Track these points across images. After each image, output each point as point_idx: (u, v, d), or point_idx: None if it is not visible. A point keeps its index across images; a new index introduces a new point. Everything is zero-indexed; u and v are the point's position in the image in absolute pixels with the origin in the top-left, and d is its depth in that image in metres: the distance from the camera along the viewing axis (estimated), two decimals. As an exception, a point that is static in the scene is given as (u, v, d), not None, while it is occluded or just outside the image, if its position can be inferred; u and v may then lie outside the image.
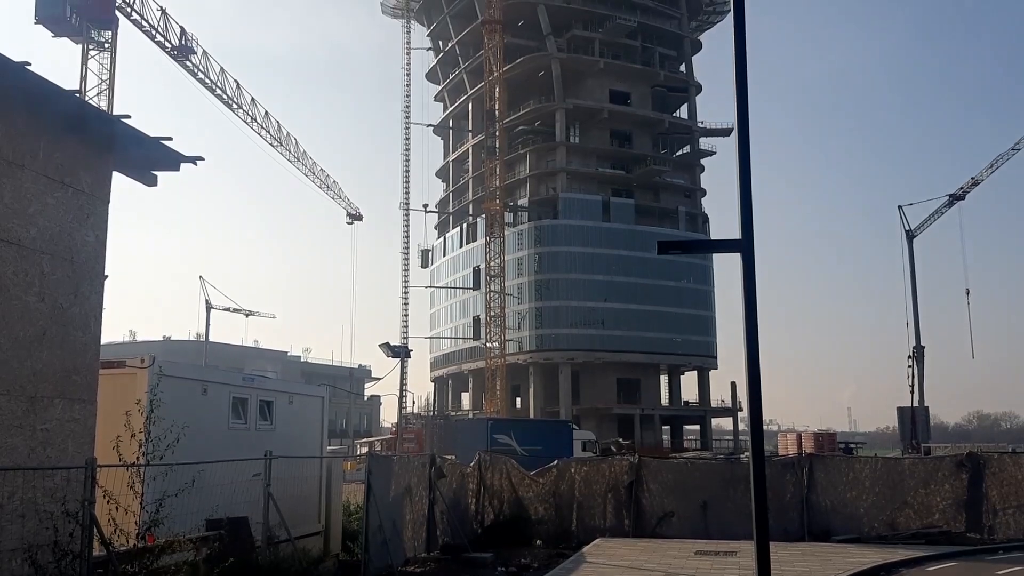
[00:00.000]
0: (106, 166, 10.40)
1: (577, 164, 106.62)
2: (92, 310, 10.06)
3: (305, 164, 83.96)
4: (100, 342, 10.31)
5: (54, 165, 9.45)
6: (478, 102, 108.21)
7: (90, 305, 10.02)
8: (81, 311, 9.85)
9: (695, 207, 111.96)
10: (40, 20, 55.22)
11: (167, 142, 10.45)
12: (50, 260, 9.34)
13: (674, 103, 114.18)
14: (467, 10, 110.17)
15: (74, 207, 9.75)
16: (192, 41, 64.44)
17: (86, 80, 56.65)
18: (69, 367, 9.63)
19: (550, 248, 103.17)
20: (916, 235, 78.74)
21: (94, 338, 10.14)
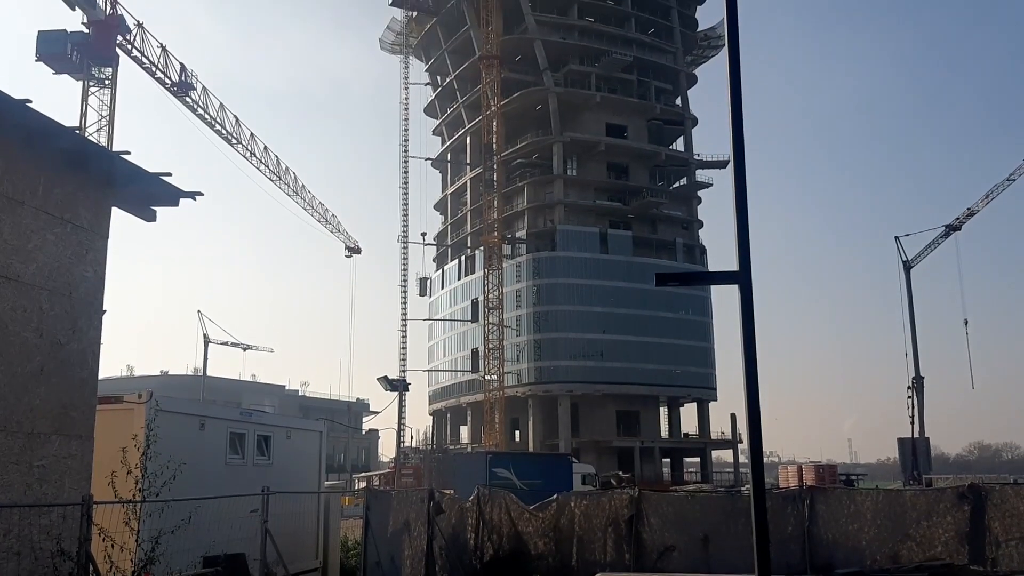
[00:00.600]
0: (105, 202, 10.45)
1: (575, 196, 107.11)
2: (90, 345, 10.06)
3: (304, 198, 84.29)
4: (98, 377, 10.29)
5: (54, 201, 9.50)
6: (476, 136, 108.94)
7: (88, 340, 10.02)
8: (79, 347, 9.85)
9: (692, 239, 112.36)
10: (41, 58, 55.65)
11: (166, 177, 10.52)
12: (49, 296, 9.35)
13: (670, 136, 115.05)
14: (465, 46, 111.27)
15: (73, 243, 9.79)
16: (192, 77, 64.95)
17: (86, 116, 57.03)
18: (66, 403, 9.61)
19: (548, 280, 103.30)
20: (913, 265, 78.94)
21: (92, 373, 10.12)
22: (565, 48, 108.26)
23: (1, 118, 8.65)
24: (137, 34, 59.62)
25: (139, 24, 59.87)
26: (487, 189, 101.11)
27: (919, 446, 70.76)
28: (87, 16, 56.45)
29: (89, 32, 56.68)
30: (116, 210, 10.75)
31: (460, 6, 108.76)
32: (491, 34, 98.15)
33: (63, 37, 55.91)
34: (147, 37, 60.66)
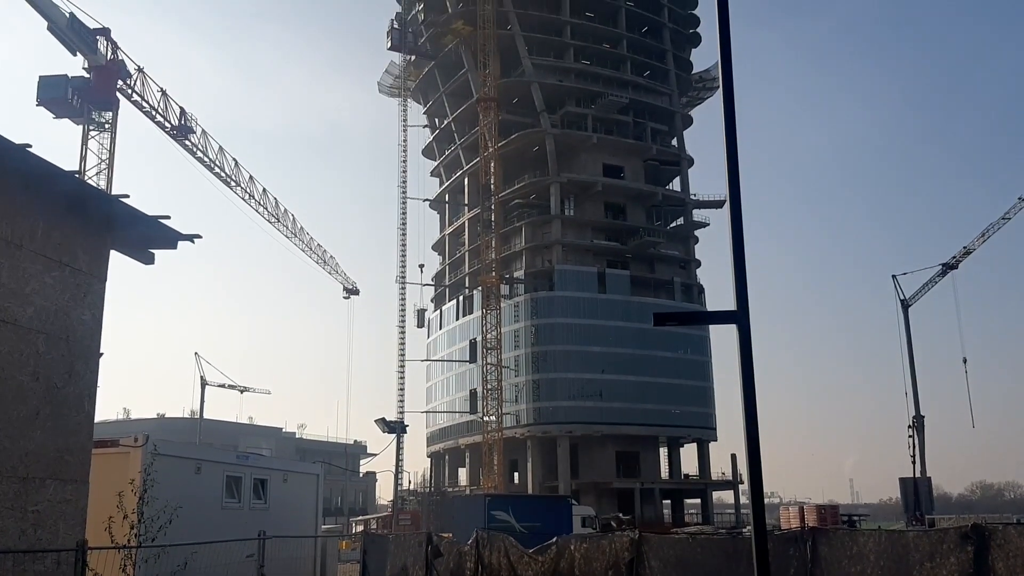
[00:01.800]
0: (104, 245, 10.48)
1: (572, 236, 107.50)
2: (86, 389, 10.02)
3: (302, 239, 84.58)
4: (94, 421, 10.24)
5: (52, 244, 9.52)
6: (474, 177, 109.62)
7: (84, 384, 9.98)
8: (75, 390, 9.81)
9: (690, 278, 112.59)
10: (42, 102, 56.06)
11: (165, 220, 10.56)
12: (46, 339, 9.33)
13: (667, 176, 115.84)
14: (462, 88, 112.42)
15: (71, 286, 9.79)
16: (191, 120, 65.47)
17: (86, 160, 57.36)
18: (62, 447, 9.54)
19: (546, 320, 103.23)
20: (911, 304, 79.07)
21: (88, 417, 10.07)
22: (562, 90, 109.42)
23: (2, 162, 8.70)
24: (138, 79, 60.22)
25: (140, 69, 60.51)
26: (485, 230, 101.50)
27: (921, 486, 70.24)
28: (88, 61, 56.98)
29: (90, 77, 57.19)
30: (114, 253, 10.78)
31: (458, 50, 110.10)
32: (488, 77, 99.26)
33: (64, 82, 56.38)
34: (147, 81, 61.28)
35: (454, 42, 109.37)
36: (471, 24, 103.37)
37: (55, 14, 53.36)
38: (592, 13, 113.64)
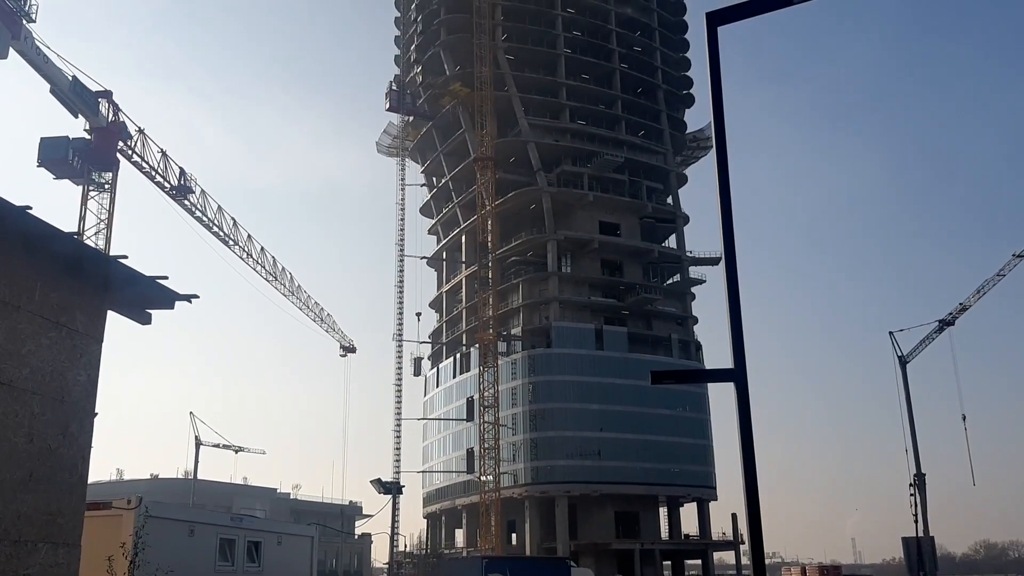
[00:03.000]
0: (101, 306, 10.49)
1: (569, 293, 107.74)
2: (80, 450, 9.93)
3: (299, 297, 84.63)
4: (87, 483, 10.12)
5: (49, 306, 9.53)
6: (471, 235, 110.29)
7: (79, 445, 9.89)
8: (69, 452, 9.72)
9: (688, 335, 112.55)
10: (42, 163, 56.54)
11: (162, 281, 10.58)
12: (41, 401, 9.28)
13: (663, 233, 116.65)
14: (460, 148, 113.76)
15: (67, 347, 9.77)
16: (191, 181, 65.97)
17: (85, 220, 57.65)
18: (54, 510, 9.42)
19: (544, 377, 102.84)
20: (909, 360, 78.98)
21: (81, 479, 9.96)
22: (558, 150, 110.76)
23: (1, 224, 8.76)
24: (138, 140, 60.87)
25: (140, 130, 61.20)
26: (482, 287, 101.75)
27: (924, 545, 69.25)
28: (89, 123, 57.64)
29: (91, 139, 57.79)
30: (111, 313, 10.78)
31: (455, 111, 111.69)
32: (486, 137, 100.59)
33: (65, 143, 56.95)
34: (148, 143, 61.93)
35: (452, 103, 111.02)
36: (469, 86, 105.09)
37: (58, 77, 54.17)
38: (587, 75, 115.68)
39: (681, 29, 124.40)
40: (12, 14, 49.87)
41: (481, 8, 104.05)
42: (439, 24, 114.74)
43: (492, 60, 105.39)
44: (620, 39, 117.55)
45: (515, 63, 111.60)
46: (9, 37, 49.25)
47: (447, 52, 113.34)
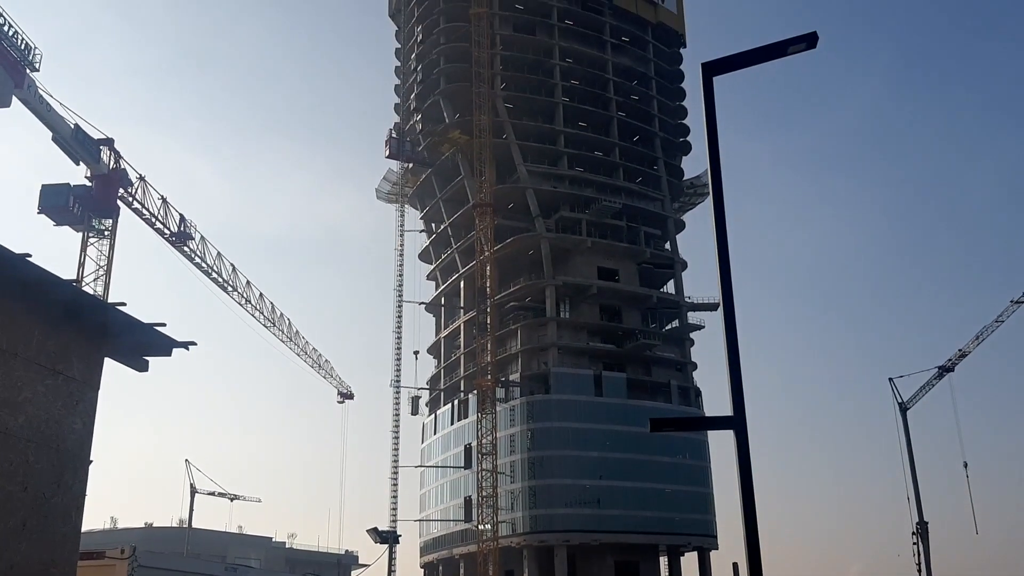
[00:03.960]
0: (98, 353, 10.48)
1: (568, 339, 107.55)
2: (74, 500, 9.84)
3: (297, 343, 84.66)
4: (80, 532, 10.02)
5: (47, 353, 9.52)
6: (470, 280, 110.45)
7: (72, 495, 9.81)
8: (63, 501, 9.63)
9: (687, 381, 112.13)
10: (43, 210, 56.86)
11: (160, 328, 10.58)
12: (36, 448, 9.22)
13: (661, 279, 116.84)
14: (459, 194, 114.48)
15: (64, 394, 9.74)
16: (191, 227, 66.35)
17: (84, 266, 57.80)
18: (47, 559, 9.31)
19: (543, 424, 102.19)
20: (909, 407, 78.77)
21: (75, 529, 9.86)
22: (556, 196, 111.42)
23: (1, 272, 8.78)
24: (139, 187, 61.33)
25: (141, 177, 61.70)
26: (480, 332, 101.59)
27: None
28: (91, 170, 58.09)
29: (92, 186, 58.19)
30: (108, 360, 10.76)
31: (455, 158, 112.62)
32: (484, 183, 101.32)
33: (66, 191, 57.33)
34: (148, 189, 62.39)
35: (451, 150, 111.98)
36: (468, 133, 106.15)
37: (60, 125, 54.72)
38: (585, 123, 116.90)
39: (677, 78, 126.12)
40: (16, 63, 50.51)
41: (480, 58, 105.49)
42: (439, 73, 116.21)
43: (491, 108, 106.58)
44: (617, 88, 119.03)
45: (514, 111, 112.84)
46: (12, 86, 49.83)
47: (446, 100, 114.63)
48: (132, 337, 10.67)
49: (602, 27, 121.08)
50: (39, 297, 9.41)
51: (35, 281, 9.17)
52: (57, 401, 9.70)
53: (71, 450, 9.87)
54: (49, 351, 9.62)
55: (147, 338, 10.74)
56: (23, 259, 8.79)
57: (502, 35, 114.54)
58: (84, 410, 10.15)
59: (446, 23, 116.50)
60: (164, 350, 11.08)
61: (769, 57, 11.32)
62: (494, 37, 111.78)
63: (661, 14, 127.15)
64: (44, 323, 9.58)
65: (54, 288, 9.46)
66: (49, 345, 9.63)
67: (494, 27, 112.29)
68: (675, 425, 8.29)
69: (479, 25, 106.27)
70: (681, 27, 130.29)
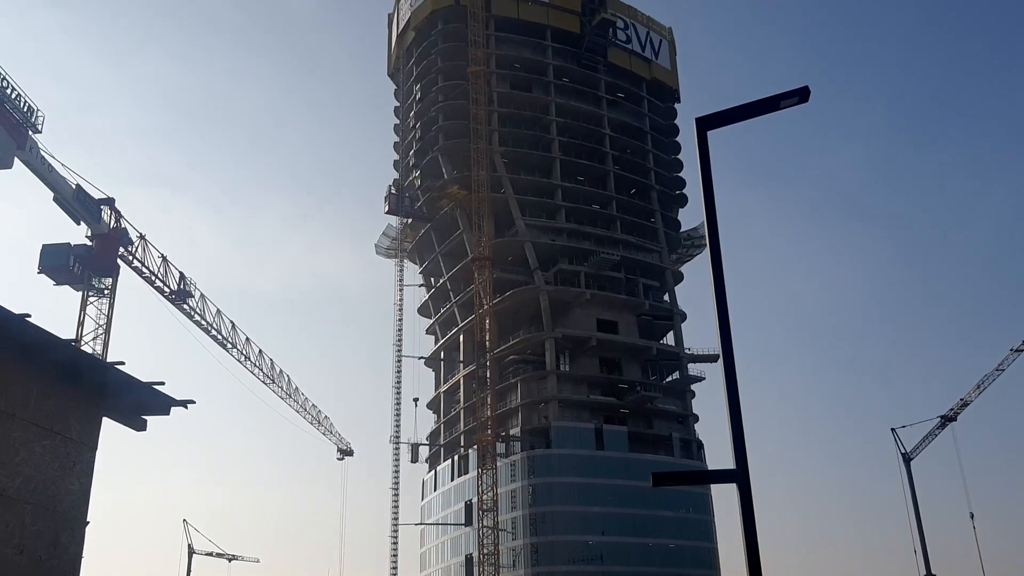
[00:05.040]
0: (96, 413, 10.44)
1: (568, 392, 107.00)
2: (71, 562, 9.71)
3: (297, 400, 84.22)
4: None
5: (45, 413, 9.48)
6: (469, 334, 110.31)
7: (69, 557, 9.68)
8: (59, 564, 9.50)
9: (689, 433, 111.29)
10: (43, 270, 57.06)
11: (159, 387, 10.55)
12: (32, 511, 9.13)
13: (660, 330, 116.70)
14: (458, 248, 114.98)
15: (61, 455, 9.68)
16: (190, 285, 66.49)
17: (83, 325, 57.76)
18: (41, 626, 9.14)
19: (544, 479, 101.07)
20: (913, 457, 78.13)
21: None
22: (554, 249, 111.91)
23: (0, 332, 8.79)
24: (139, 246, 61.59)
25: (142, 236, 62.02)
26: (480, 386, 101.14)
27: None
28: (91, 230, 58.40)
29: (92, 245, 58.45)
30: (106, 420, 10.71)
31: (453, 213, 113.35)
32: (483, 238, 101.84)
33: (66, 250, 57.60)
34: (148, 248, 62.65)
35: (450, 205, 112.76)
36: (466, 188, 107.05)
37: (62, 185, 55.19)
38: (582, 177, 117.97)
39: (672, 132, 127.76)
40: (18, 125, 51.13)
41: (478, 115, 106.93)
42: (437, 130, 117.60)
43: (489, 163, 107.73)
44: (613, 142, 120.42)
45: (511, 166, 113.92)
46: (15, 147, 50.38)
47: (445, 156, 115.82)
48: (131, 396, 10.64)
49: (597, 83, 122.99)
50: (38, 357, 9.41)
51: (34, 342, 9.18)
52: (54, 462, 9.63)
53: (68, 512, 9.77)
54: (47, 411, 9.59)
55: (146, 397, 10.71)
56: (22, 320, 8.81)
57: (499, 92, 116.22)
58: (81, 471, 10.08)
59: (444, 82, 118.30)
60: (163, 409, 11.05)
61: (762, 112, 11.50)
62: (491, 94, 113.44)
63: (655, 70, 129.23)
64: (43, 383, 9.56)
65: (53, 348, 9.47)
66: (47, 405, 9.60)
67: (491, 85, 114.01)
68: (677, 479, 8.23)
69: (476, 83, 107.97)
70: (675, 82, 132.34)
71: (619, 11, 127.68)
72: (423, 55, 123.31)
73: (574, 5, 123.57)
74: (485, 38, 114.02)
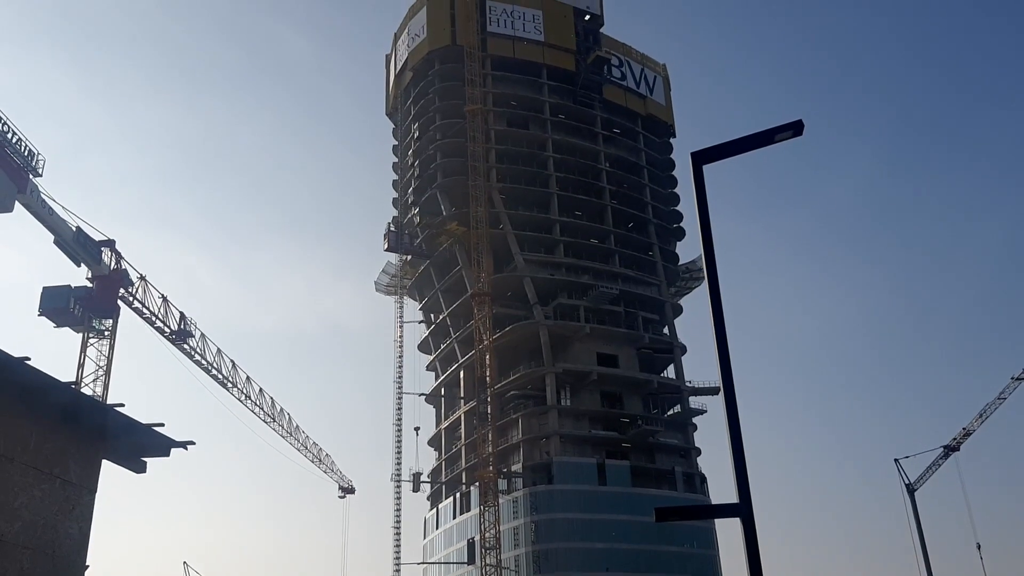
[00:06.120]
0: (96, 455, 10.39)
1: (570, 427, 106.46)
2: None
3: (297, 438, 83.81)
4: (74, 643, 9.73)
5: (44, 456, 9.44)
6: (469, 370, 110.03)
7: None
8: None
9: (691, 467, 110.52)
10: (44, 312, 57.03)
11: (158, 428, 10.53)
12: (31, 556, 9.05)
13: (661, 364, 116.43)
14: (457, 284, 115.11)
15: (60, 498, 9.62)
16: (191, 325, 66.45)
17: (83, 367, 57.63)
18: (39, 673, 9.02)
19: (546, 516, 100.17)
20: (917, 488, 77.58)
21: (69, 639, 9.59)
22: (554, 283, 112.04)
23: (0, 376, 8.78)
24: (139, 286, 61.63)
25: (142, 277, 62.09)
26: (481, 423, 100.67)
27: None
28: (92, 271, 58.48)
29: (93, 287, 58.50)
30: (106, 462, 10.66)
31: (452, 249, 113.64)
32: (482, 273, 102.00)
33: (67, 293, 57.62)
34: (149, 289, 62.69)
35: (449, 242, 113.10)
36: (465, 225, 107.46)
37: (62, 228, 55.36)
38: (579, 211, 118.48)
39: (668, 166, 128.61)
40: (19, 169, 51.42)
41: (476, 152, 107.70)
42: (436, 168, 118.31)
43: (487, 200, 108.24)
44: (610, 177, 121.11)
45: (509, 202, 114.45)
46: (15, 191, 50.63)
47: (443, 193, 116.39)
48: (130, 438, 10.61)
49: (593, 120, 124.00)
50: (38, 400, 9.39)
51: (34, 385, 9.17)
52: (53, 506, 9.57)
53: (67, 556, 9.69)
54: (46, 455, 9.55)
55: (145, 439, 10.68)
56: (22, 363, 8.81)
57: (496, 130, 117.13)
58: (80, 514, 10.01)
59: (442, 120, 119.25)
60: (162, 451, 11.00)
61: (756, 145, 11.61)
62: (489, 132, 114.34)
63: (650, 106, 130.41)
64: (42, 426, 9.54)
65: (53, 391, 9.46)
66: (47, 449, 9.57)
67: (488, 123, 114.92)
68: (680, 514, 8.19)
69: (474, 121, 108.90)
70: (670, 118, 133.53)
71: (614, 49, 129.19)
72: (421, 94, 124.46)
73: (569, 44, 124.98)
74: (482, 77, 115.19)
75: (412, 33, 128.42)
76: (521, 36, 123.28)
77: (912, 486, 77.06)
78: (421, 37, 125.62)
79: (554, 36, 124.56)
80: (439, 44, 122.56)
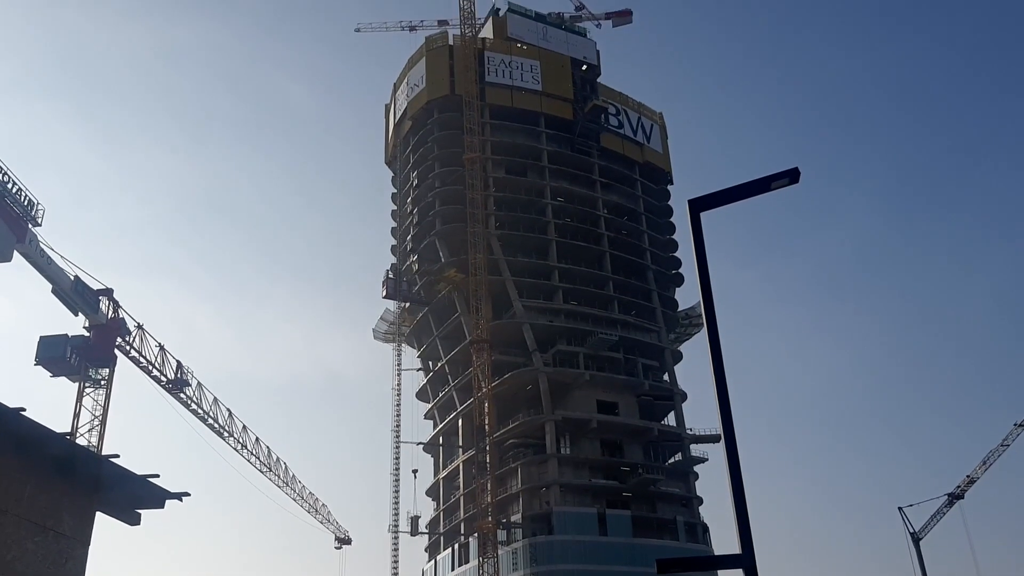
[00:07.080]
0: (90, 507, 10.26)
1: (569, 476, 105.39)
2: (60, 665, 9.40)
3: (294, 488, 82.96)
4: None
5: (38, 509, 9.32)
6: (468, 418, 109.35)
7: (58, 659, 9.38)
8: (48, 667, 9.20)
9: (693, 516, 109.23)
10: (40, 362, 56.85)
11: (153, 479, 10.42)
12: (22, 611, 8.88)
13: (661, 411, 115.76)
14: (456, 331, 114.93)
15: (53, 551, 9.47)
16: (187, 373, 66.20)
17: (79, 417, 57.28)
18: None
19: (546, 567, 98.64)
20: (922, 537, 76.69)
21: None
22: (552, 330, 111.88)
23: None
24: (136, 335, 61.52)
25: (139, 326, 62.01)
26: (480, 472, 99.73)
27: None
28: (89, 320, 58.42)
29: (89, 336, 58.40)
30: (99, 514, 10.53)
31: (451, 296, 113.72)
32: (481, 320, 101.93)
33: (64, 342, 57.51)
34: (146, 337, 62.57)
35: (447, 289, 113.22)
36: (463, 272, 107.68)
37: (60, 277, 55.44)
38: (578, 258, 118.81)
39: (666, 213, 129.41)
40: (18, 218, 51.64)
41: (474, 200, 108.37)
42: (434, 215, 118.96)
43: (486, 247, 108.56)
44: (608, 224, 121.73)
45: (507, 248, 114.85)
46: (14, 240, 50.77)
47: (442, 241, 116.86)
48: (125, 490, 10.49)
49: (591, 167, 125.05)
50: (32, 452, 9.31)
51: (29, 436, 9.10)
52: (47, 559, 9.43)
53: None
54: (40, 507, 9.43)
55: (140, 490, 10.57)
56: (17, 414, 8.74)
57: (495, 177, 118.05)
58: (73, 568, 9.86)
59: (441, 168, 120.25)
60: (157, 502, 10.87)
61: (753, 193, 11.67)
62: (487, 179, 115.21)
63: (647, 154, 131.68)
64: (37, 478, 9.43)
65: (48, 442, 9.38)
66: (41, 500, 9.45)
67: (487, 170, 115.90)
68: (683, 565, 8.08)
69: (472, 169, 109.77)
70: (667, 165, 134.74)
71: (611, 98, 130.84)
72: (420, 143, 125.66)
73: (567, 93, 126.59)
74: (480, 126, 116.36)
75: (411, 83, 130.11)
76: (519, 86, 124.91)
77: (917, 535, 76.21)
78: (420, 87, 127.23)
79: (552, 86, 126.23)
80: (438, 94, 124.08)
